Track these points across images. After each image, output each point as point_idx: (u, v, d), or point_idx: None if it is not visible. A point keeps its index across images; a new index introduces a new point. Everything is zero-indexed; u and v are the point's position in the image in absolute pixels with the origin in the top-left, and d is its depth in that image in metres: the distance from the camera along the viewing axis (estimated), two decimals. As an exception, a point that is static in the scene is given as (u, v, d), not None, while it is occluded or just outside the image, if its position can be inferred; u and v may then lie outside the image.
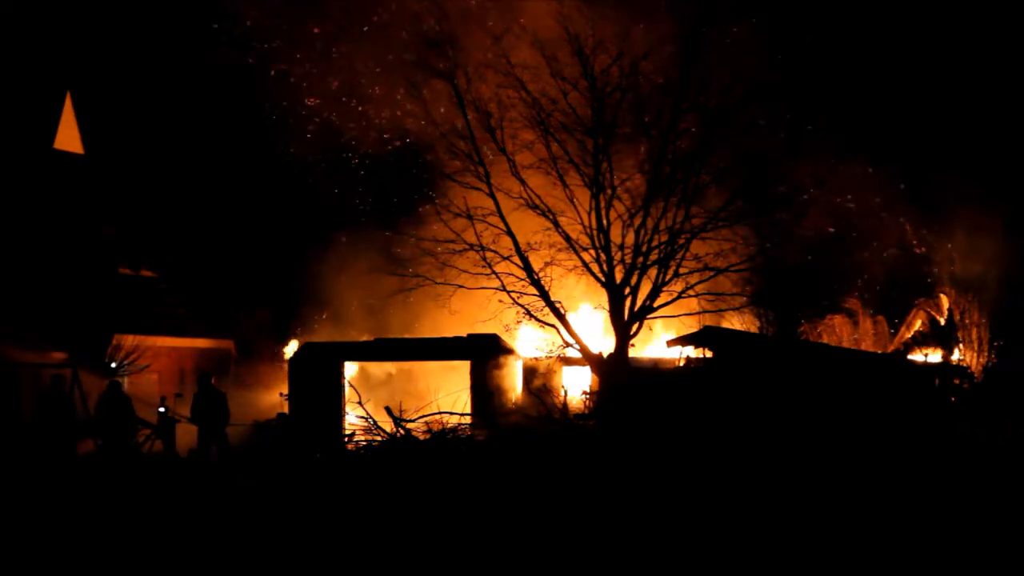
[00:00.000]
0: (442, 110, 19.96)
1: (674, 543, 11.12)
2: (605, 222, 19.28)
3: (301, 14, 25.07)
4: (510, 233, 19.32)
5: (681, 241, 19.29)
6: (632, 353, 19.48)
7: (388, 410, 16.96)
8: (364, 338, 22.88)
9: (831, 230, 22.38)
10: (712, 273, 19.36)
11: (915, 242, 24.55)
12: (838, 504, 11.98)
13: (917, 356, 23.69)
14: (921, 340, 24.36)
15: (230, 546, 12.03)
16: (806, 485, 12.54)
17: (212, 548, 12.00)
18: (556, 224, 19.30)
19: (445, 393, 18.00)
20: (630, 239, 19.29)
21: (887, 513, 11.76)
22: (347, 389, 20.14)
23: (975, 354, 23.42)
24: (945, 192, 24.28)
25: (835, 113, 20.84)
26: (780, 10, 20.45)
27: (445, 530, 11.62)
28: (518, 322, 19.60)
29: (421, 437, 16.06)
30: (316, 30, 25.37)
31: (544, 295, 19.21)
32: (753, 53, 19.56)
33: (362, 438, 16.84)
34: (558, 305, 19.40)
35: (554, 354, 19.76)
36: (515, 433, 16.77)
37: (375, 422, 16.72)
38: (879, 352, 23.71)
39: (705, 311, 19.84)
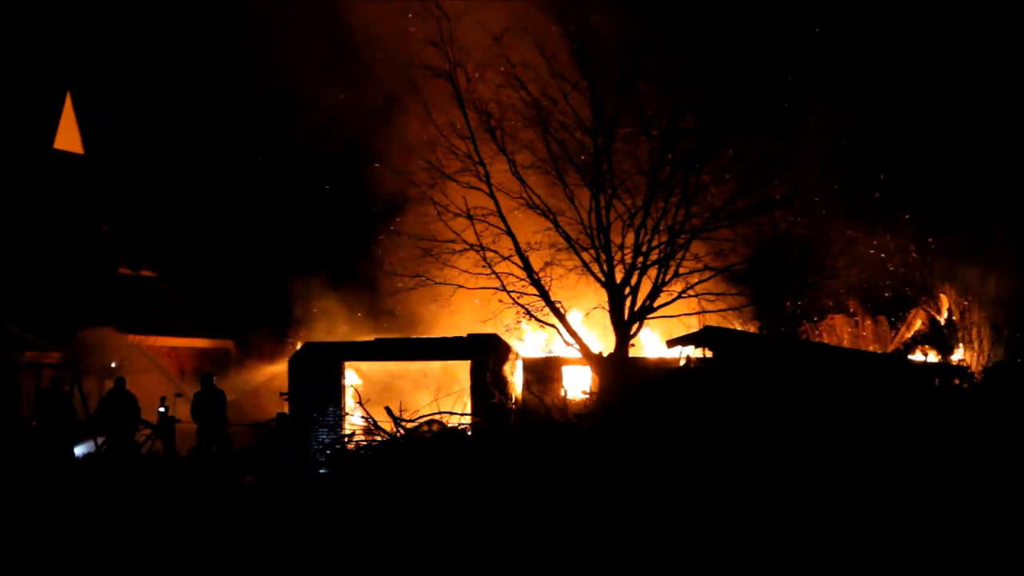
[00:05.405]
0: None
1: (674, 542, 11.12)
2: (605, 222, 19.28)
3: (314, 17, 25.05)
4: (510, 233, 19.31)
5: (681, 241, 19.29)
6: (632, 353, 19.49)
7: (388, 410, 16.96)
8: (364, 338, 22.88)
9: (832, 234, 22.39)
10: (712, 273, 19.36)
11: (915, 249, 24.56)
12: (839, 503, 11.98)
13: (917, 356, 23.68)
14: (921, 340, 24.34)
15: (230, 546, 12.04)
16: (806, 484, 12.54)
17: (212, 548, 12.01)
18: (556, 224, 19.29)
19: (445, 393, 18.00)
20: (630, 239, 19.29)
21: (888, 513, 11.76)
22: (347, 389, 20.14)
23: (975, 354, 23.41)
24: (944, 192, 24.31)
25: (833, 115, 20.81)
26: (783, 10, 20.40)
27: (445, 530, 11.62)
28: (518, 322, 19.61)
29: (421, 437, 16.05)
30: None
31: (544, 295, 19.22)
32: (755, 52, 19.53)
33: (362, 438, 16.84)
34: (558, 305, 19.41)
35: (554, 354, 19.76)
36: (515, 433, 16.78)
37: (375, 422, 16.72)
38: (879, 352, 23.70)
39: (705, 311, 19.83)
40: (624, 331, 19.18)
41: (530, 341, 21.15)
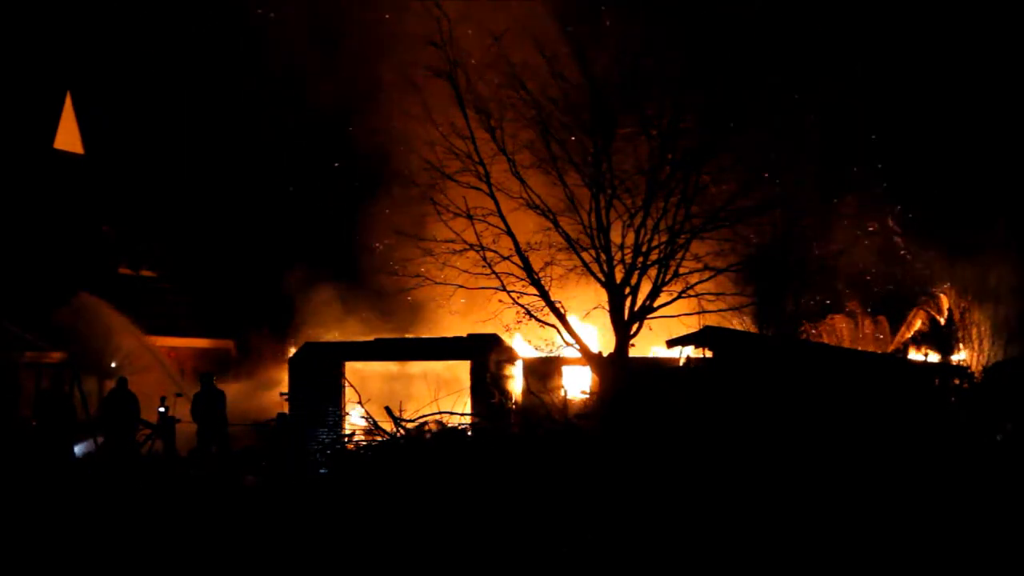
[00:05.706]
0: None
1: (674, 541, 11.12)
2: (605, 222, 19.27)
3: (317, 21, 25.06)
4: (510, 233, 19.30)
5: (681, 241, 19.29)
6: (632, 353, 19.48)
7: (388, 410, 16.96)
8: (364, 338, 22.89)
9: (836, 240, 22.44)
10: (712, 273, 19.36)
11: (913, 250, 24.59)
12: (839, 504, 11.98)
13: (917, 356, 23.69)
14: (921, 340, 24.36)
15: (230, 546, 12.04)
16: (806, 484, 12.55)
17: (213, 548, 12.01)
18: (556, 224, 19.29)
19: (445, 393, 17.99)
20: (630, 239, 19.28)
21: (888, 513, 11.76)
22: (347, 389, 20.13)
23: (975, 354, 23.42)
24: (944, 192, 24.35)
25: (835, 118, 20.83)
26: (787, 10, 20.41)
27: (446, 530, 11.62)
28: (518, 322, 19.60)
29: (422, 437, 16.04)
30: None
31: (544, 295, 19.21)
32: (755, 52, 19.53)
33: (362, 438, 16.84)
34: (558, 305, 19.40)
35: (554, 354, 19.76)
36: (515, 433, 16.78)
37: (375, 422, 16.71)
38: (879, 352, 23.70)
39: (705, 311, 19.83)
40: (624, 331, 19.18)
41: (530, 341, 21.13)
